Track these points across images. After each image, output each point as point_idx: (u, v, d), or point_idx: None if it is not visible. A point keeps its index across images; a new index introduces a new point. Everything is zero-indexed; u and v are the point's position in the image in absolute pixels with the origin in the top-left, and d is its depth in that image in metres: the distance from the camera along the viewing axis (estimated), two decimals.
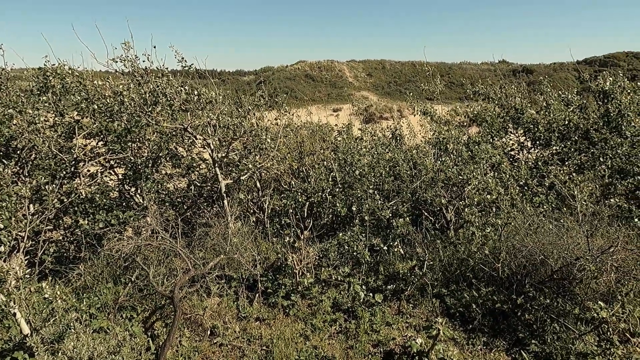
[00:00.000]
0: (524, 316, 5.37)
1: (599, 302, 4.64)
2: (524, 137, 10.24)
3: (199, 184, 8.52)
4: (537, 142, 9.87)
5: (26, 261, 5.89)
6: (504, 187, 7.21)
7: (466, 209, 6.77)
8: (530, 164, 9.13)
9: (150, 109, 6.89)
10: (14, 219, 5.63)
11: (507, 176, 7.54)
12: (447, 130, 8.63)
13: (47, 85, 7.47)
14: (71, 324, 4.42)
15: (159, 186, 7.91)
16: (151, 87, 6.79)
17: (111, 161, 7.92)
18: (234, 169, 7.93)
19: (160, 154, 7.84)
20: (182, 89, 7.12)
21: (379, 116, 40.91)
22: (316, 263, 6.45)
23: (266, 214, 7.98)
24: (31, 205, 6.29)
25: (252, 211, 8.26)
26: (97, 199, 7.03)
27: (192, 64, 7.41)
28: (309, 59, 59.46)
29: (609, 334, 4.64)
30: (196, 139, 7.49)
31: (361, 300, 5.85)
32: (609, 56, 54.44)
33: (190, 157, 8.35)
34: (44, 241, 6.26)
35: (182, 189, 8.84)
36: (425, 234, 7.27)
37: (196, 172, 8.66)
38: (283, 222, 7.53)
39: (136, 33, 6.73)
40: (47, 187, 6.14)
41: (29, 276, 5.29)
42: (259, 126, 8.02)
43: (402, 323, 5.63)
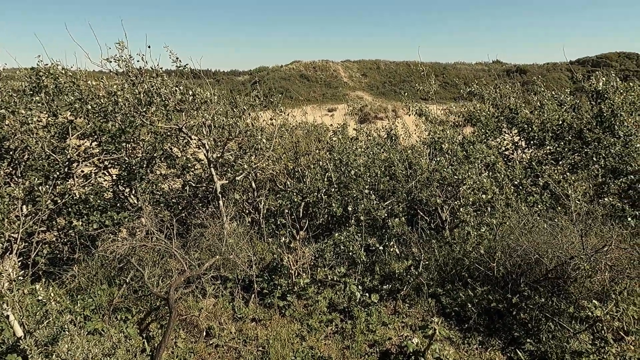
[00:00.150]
0: (519, 315, 5.39)
1: (593, 301, 4.67)
2: (518, 137, 10.29)
3: (194, 184, 8.48)
4: (531, 142, 9.93)
5: (19, 263, 5.82)
6: (498, 186, 7.25)
7: (461, 209, 6.80)
8: (524, 163, 9.18)
9: (144, 109, 6.84)
10: (6, 220, 5.57)
11: (502, 176, 7.58)
12: (442, 130, 8.65)
13: (40, 85, 7.40)
14: (65, 326, 4.38)
15: (154, 187, 7.86)
16: (146, 87, 6.74)
17: (105, 162, 7.87)
18: (229, 169, 7.90)
19: (155, 155, 7.80)
20: (177, 89, 7.08)
21: (373, 116, 40.97)
22: (312, 263, 6.44)
23: (262, 214, 7.96)
24: (24, 207, 6.24)
25: (247, 211, 8.23)
26: (91, 199, 6.98)
27: (187, 64, 7.37)
28: (303, 59, 59.51)
29: (603, 332, 4.67)
30: (191, 139, 7.46)
31: (357, 301, 5.85)
32: (602, 56, 54.91)
33: (185, 158, 8.31)
34: (37, 242, 6.20)
35: (177, 189, 8.79)
36: (420, 234, 7.28)
37: (191, 173, 8.62)
38: (279, 222, 7.52)
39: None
40: (40, 188, 6.08)
41: (22, 278, 5.24)
42: (254, 126, 7.99)
43: (398, 323, 5.64)
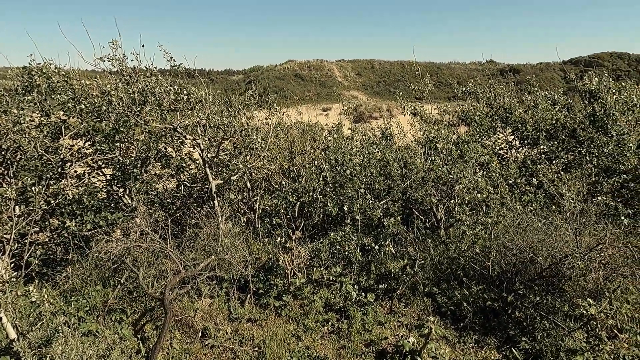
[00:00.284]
0: (514, 314, 5.42)
1: (587, 299, 4.71)
2: (512, 137, 10.35)
3: (188, 184, 8.44)
4: (525, 141, 9.99)
5: (12, 264, 5.78)
6: (493, 185, 7.28)
7: (456, 208, 6.82)
8: (518, 163, 9.23)
9: (139, 108, 6.80)
10: None
11: (496, 175, 7.61)
12: (436, 130, 8.67)
13: (32, 84, 7.33)
14: (59, 327, 4.35)
15: (148, 187, 7.82)
16: (140, 86, 6.70)
17: (99, 162, 7.80)
18: (224, 169, 7.87)
19: (149, 154, 7.75)
20: (171, 88, 7.05)
21: (368, 115, 40.96)
22: (308, 263, 6.44)
23: (257, 214, 7.94)
24: (17, 207, 6.17)
25: (242, 211, 8.21)
26: (85, 200, 6.92)
27: (181, 63, 7.34)
28: (298, 58, 59.40)
29: (597, 330, 4.71)
30: (186, 139, 7.42)
31: (353, 300, 5.85)
32: (594, 56, 55.26)
33: (179, 158, 8.27)
34: (30, 243, 6.14)
35: (171, 189, 8.75)
36: (416, 233, 7.30)
37: (186, 173, 8.58)
38: (274, 222, 7.50)
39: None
40: (33, 188, 6.02)
41: (15, 279, 5.20)
42: (249, 126, 7.97)
43: (394, 322, 5.65)
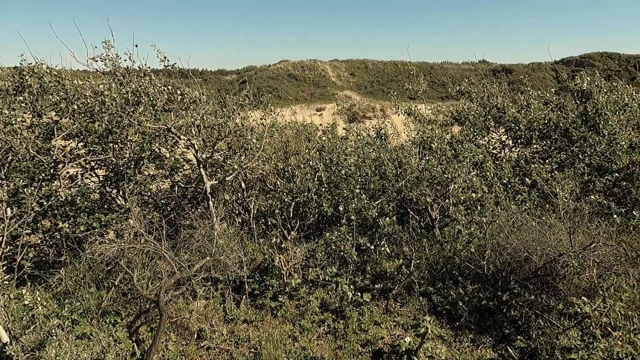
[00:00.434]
0: (509, 312, 5.45)
1: (582, 298, 4.74)
2: (505, 136, 10.41)
3: (183, 185, 8.39)
4: (519, 141, 10.05)
5: (4, 267, 5.71)
6: (488, 185, 7.31)
7: (451, 208, 6.84)
8: (512, 162, 9.29)
9: (132, 109, 6.74)
10: None
11: (491, 174, 7.65)
12: (430, 130, 8.70)
13: (23, 84, 7.24)
14: (53, 330, 4.30)
15: (142, 188, 7.76)
16: (133, 86, 6.64)
17: (92, 163, 7.73)
18: (219, 169, 7.84)
19: (143, 155, 7.69)
20: (165, 88, 7.00)
21: (362, 115, 41.05)
22: (303, 263, 6.43)
23: (252, 214, 7.91)
24: (9, 209, 6.09)
25: (237, 212, 8.18)
26: (78, 201, 6.85)
27: (175, 63, 7.30)
28: (291, 58, 59.36)
29: (591, 328, 4.74)
30: (180, 139, 7.37)
31: (349, 300, 5.85)
32: (585, 56, 55.85)
33: (173, 158, 8.22)
34: (22, 245, 6.06)
35: (165, 190, 8.69)
36: (411, 233, 7.31)
37: (180, 173, 8.53)
38: (269, 222, 7.48)
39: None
40: (25, 190, 5.95)
41: (7, 282, 5.14)
42: (244, 126, 7.94)
43: (390, 322, 5.65)
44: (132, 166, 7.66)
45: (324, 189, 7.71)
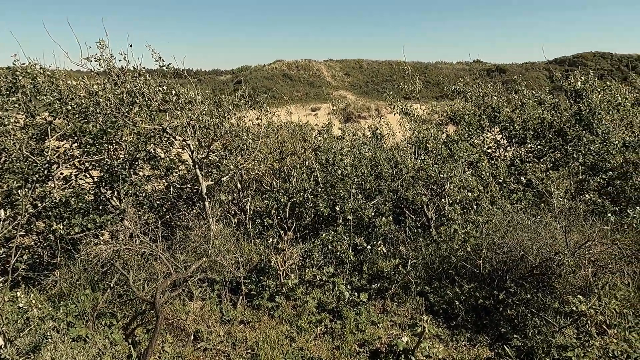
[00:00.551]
0: (505, 311, 5.47)
1: (577, 296, 4.77)
2: (500, 136, 10.46)
3: (178, 185, 8.35)
4: (513, 140, 10.11)
5: None
6: (483, 184, 7.34)
7: (447, 207, 6.86)
8: (507, 161, 9.33)
9: (127, 109, 6.70)
10: None
11: (486, 174, 7.68)
12: (426, 129, 8.72)
13: (16, 85, 7.17)
14: (48, 333, 4.27)
15: (137, 188, 7.71)
16: (128, 87, 6.60)
17: (86, 163, 7.68)
18: (214, 170, 7.81)
19: (138, 156, 7.65)
20: (160, 89, 6.97)
21: (357, 115, 41.09)
22: (300, 264, 6.42)
23: (248, 215, 7.89)
24: (2, 211, 6.04)
25: (233, 212, 8.15)
26: (73, 202, 6.80)
27: (170, 63, 7.27)
28: (286, 58, 59.33)
29: (587, 326, 4.77)
30: (175, 139, 7.34)
31: (346, 300, 5.85)
32: (578, 56, 56.27)
33: (169, 159, 8.18)
34: (16, 248, 6.01)
35: (161, 191, 8.65)
36: (407, 233, 7.33)
37: (175, 174, 8.49)
38: (265, 223, 7.46)
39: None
40: (19, 191, 5.90)
41: (1, 285, 5.09)
42: (239, 126, 7.92)
43: (387, 322, 5.66)
44: (127, 167, 7.61)
45: (320, 189, 7.71)
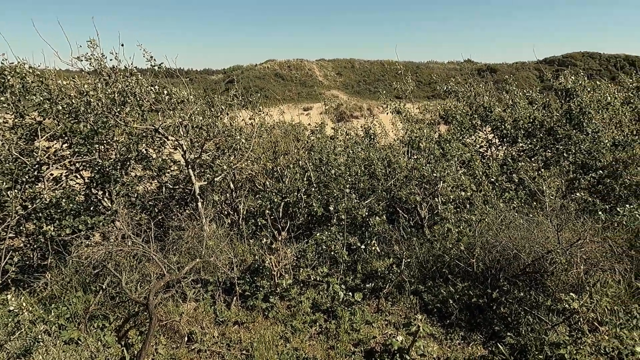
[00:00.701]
0: (499, 309, 5.50)
1: (570, 294, 4.81)
2: (492, 135, 10.54)
3: (170, 186, 8.29)
4: (505, 139, 10.18)
5: None
6: (476, 183, 7.38)
7: (440, 206, 6.89)
8: (499, 160, 9.40)
9: (118, 109, 6.64)
10: None
11: (479, 173, 7.73)
12: (419, 129, 8.76)
13: (5, 84, 7.06)
14: (39, 336, 4.22)
15: (129, 189, 7.64)
16: (119, 86, 6.54)
17: (77, 164, 7.59)
18: (207, 170, 7.76)
19: (130, 156, 7.57)
20: (152, 88, 6.91)
21: (349, 115, 41.15)
22: (294, 264, 6.40)
23: (241, 215, 7.86)
24: None
25: (226, 213, 8.11)
26: (63, 203, 6.71)
27: (162, 63, 7.21)
28: (278, 57, 59.24)
29: (579, 323, 4.82)
30: (167, 139, 7.28)
31: (340, 300, 5.84)
32: (567, 56, 56.91)
33: (161, 159, 8.11)
34: (6, 250, 5.92)
35: (153, 191, 8.57)
36: (401, 232, 7.35)
37: (168, 174, 8.42)
38: (259, 223, 7.44)
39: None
40: (8, 192, 5.81)
41: None
42: (232, 126, 7.88)
43: (381, 321, 5.66)
44: (118, 167, 7.53)
45: (313, 189, 7.70)
